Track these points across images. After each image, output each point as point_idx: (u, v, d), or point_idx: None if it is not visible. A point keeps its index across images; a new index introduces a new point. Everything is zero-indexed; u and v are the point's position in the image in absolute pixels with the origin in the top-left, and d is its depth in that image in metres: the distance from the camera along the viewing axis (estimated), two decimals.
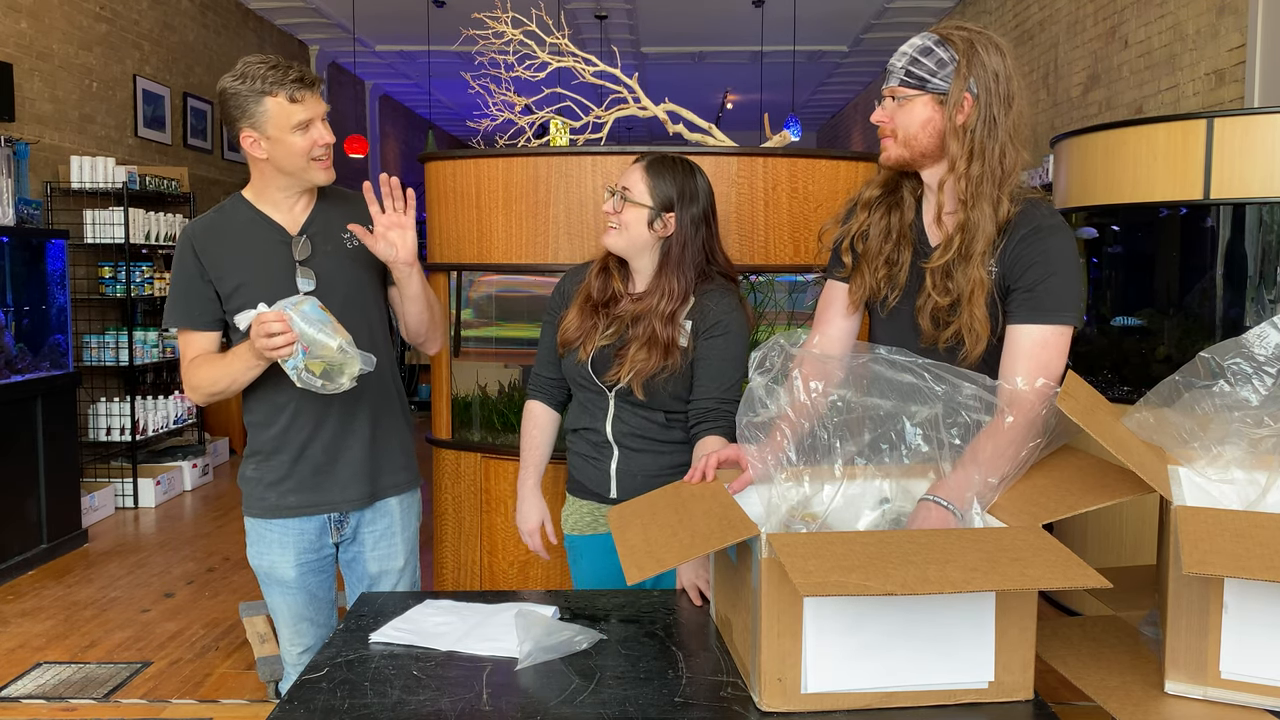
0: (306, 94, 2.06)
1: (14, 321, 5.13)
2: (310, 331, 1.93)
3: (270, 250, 2.15)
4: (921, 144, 1.76)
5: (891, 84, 1.77)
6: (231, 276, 2.13)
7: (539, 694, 1.49)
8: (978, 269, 1.71)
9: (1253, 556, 1.27)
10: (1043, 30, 7.11)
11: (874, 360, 1.65)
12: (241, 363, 2.04)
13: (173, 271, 2.18)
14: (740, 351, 2.18)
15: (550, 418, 2.34)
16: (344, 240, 2.21)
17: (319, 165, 2.11)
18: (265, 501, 2.21)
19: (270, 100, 2.03)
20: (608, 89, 3.30)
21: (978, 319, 1.71)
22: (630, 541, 1.61)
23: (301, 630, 2.28)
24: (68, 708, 3.26)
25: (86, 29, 6.43)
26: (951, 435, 1.62)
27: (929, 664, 1.42)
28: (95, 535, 5.37)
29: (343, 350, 1.95)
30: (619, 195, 2.15)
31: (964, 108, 1.71)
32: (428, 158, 3.31)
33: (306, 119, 2.06)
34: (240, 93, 2.05)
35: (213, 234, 2.16)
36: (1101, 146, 3.80)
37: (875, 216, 1.88)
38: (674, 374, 2.12)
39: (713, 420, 2.10)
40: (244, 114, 2.05)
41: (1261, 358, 1.54)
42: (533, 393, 2.35)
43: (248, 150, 2.10)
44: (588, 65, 3.27)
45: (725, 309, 2.15)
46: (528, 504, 2.31)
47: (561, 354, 2.25)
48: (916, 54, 1.74)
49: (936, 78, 1.72)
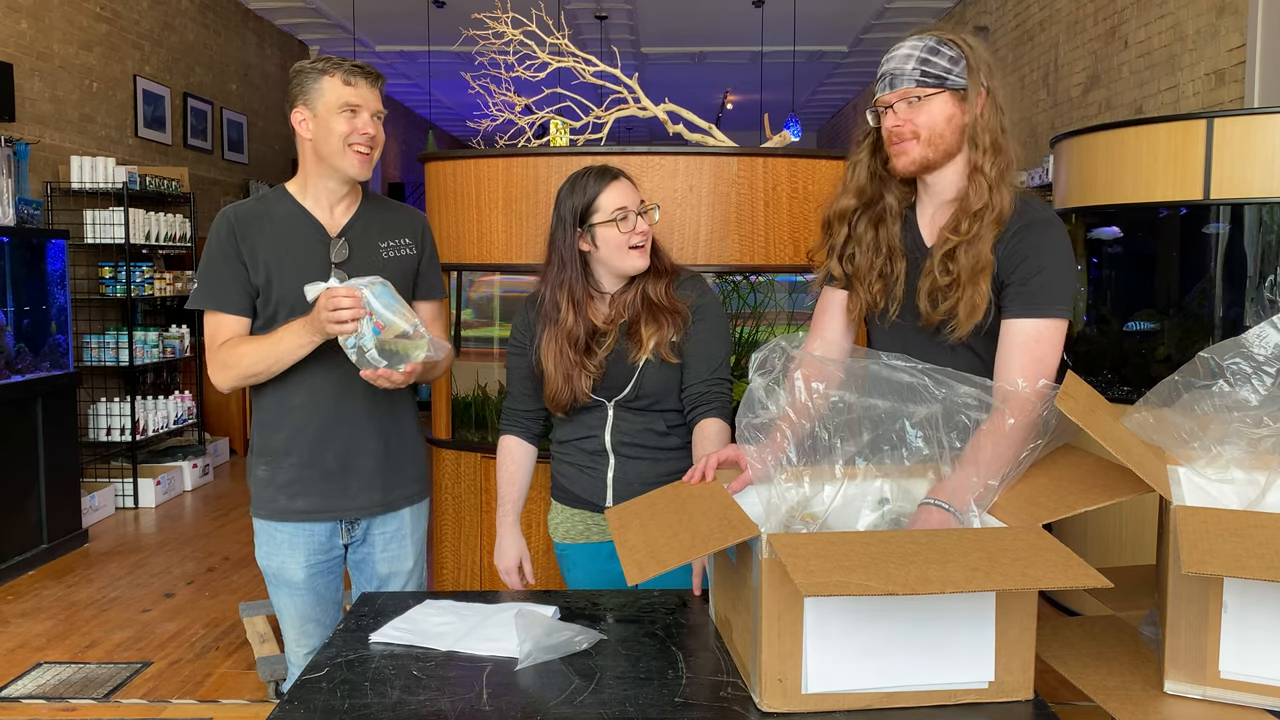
0: (362, 81, 2.10)
1: (14, 321, 5.14)
2: (384, 311, 1.92)
3: (308, 248, 2.14)
4: (947, 142, 1.76)
5: (905, 86, 1.75)
6: (264, 268, 2.11)
7: (539, 694, 1.49)
8: (986, 249, 1.72)
9: (1252, 556, 1.27)
10: (1043, 30, 7.11)
11: (873, 362, 1.65)
12: (293, 339, 2.02)
13: (206, 253, 2.15)
14: (722, 331, 2.18)
15: (526, 453, 2.29)
16: (381, 249, 2.21)
17: (353, 152, 2.10)
18: (276, 504, 2.20)
19: (326, 79, 2.08)
20: (608, 89, 3.30)
21: (980, 293, 1.72)
22: (630, 542, 1.61)
23: (308, 631, 2.27)
24: (68, 708, 3.26)
25: (86, 29, 6.43)
26: (951, 437, 1.62)
27: (929, 664, 1.42)
28: (95, 535, 5.37)
29: (417, 330, 1.94)
30: (654, 209, 2.17)
31: (979, 101, 1.75)
32: (428, 158, 3.31)
33: (355, 103, 2.09)
34: (305, 70, 2.11)
35: (253, 221, 2.14)
36: (1101, 146, 3.80)
37: (861, 230, 1.88)
38: (680, 338, 2.12)
39: (707, 403, 2.10)
40: (301, 91, 2.10)
41: (1261, 358, 1.54)
42: (507, 427, 2.29)
43: (297, 130, 2.12)
44: (588, 65, 3.27)
45: (700, 293, 2.17)
46: (505, 542, 2.25)
47: (561, 410, 2.18)
48: (926, 54, 1.75)
49: (953, 74, 1.74)
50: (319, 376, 2.15)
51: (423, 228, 2.32)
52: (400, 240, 2.24)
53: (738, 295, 3.20)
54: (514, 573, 2.25)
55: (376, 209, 2.26)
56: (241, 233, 2.13)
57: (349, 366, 2.16)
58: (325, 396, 2.17)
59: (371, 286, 1.94)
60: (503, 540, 2.26)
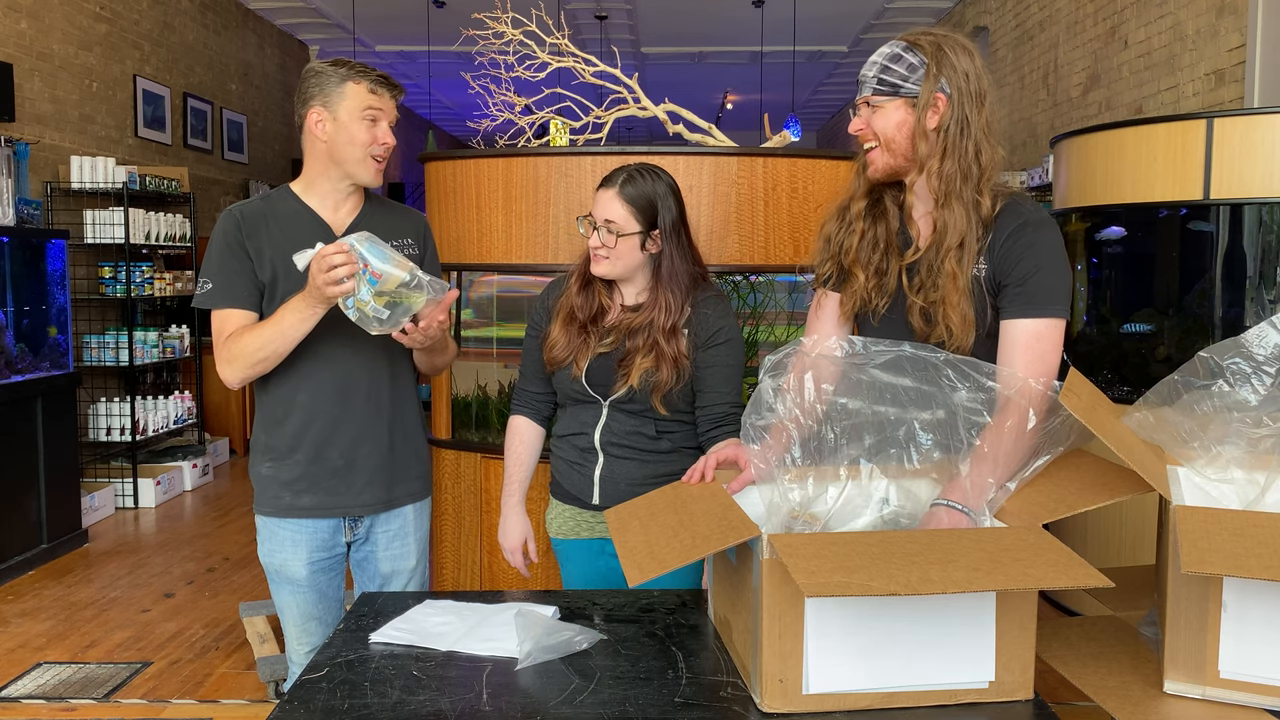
0: (386, 93, 2.13)
1: (14, 321, 5.14)
2: (378, 263, 1.87)
3: (313, 247, 2.15)
4: (901, 147, 1.78)
5: (865, 93, 1.80)
6: (270, 265, 2.12)
7: (539, 694, 1.49)
8: (951, 266, 1.72)
9: (1251, 556, 1.27)
10: (1043, 30, 7.11)
11: (892, 354, 1.63)
12: (294, 314, 2.00)
13: (212, 251, 2.14)
14: (741, 355, 2.19)
15: (535, 433, 2.32)
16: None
17: (373, 163, 2.14)
18: (280, 501, 2.21)
19: (352, 85, 2.09)
20: (608, 89, 3.30)
21: (954, 319, 1.73)
22: (630, 543, 1.61)
23: (310, 629, 2.28)
24: (68, 708, 3.27)
25: (86, 29, 6.43)
26: (959, 439, 1.62)
27: (930, 664, 1.42)
28: (95, 535, 5.37)
29: (414, 277, 1.89)
30: (604, 229, 2.11)
31: (937, 108, 1.75)
32: (428, 158, 3.31)
33: (378, 111, 2.11)
34: (326, 72, 2.11)
35: (259, 219, 2.15)
36: (1101, 147, 3.80)
37: (863, 226, 1.89)
38: (683, 385, 2.13)
39: (730, 425, 2.11)
40: (320, 91, 2.10)
41: (1260, 357, 1.54)
42: (517, 408, 2.32)
43: (310, 130, 2.12)
44: (588, 65, 3.27)
45: (722, 315, 2.17)
46: (510, 521, 2.29)
47: (551, 371, 2.23)
48: (887, 62, 1.78)
49: (908, 82, 1.76)
50: (324, 373, 2.16)
51: (424, 228, 2.35)
52: (404, 240, 2.26)
53: (738, 295, 3.20)
54: (518, 552, 2.28)
55: (380, 209, 2.28)
56: (248, 230, 2.13)
57: (354, 362, 2.17)
58: (331, 393, 2.17)
59: (362, 242, 1.89)
60: (507, 520, 2.29)
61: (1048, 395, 1.61)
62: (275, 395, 2.19)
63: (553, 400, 2.31)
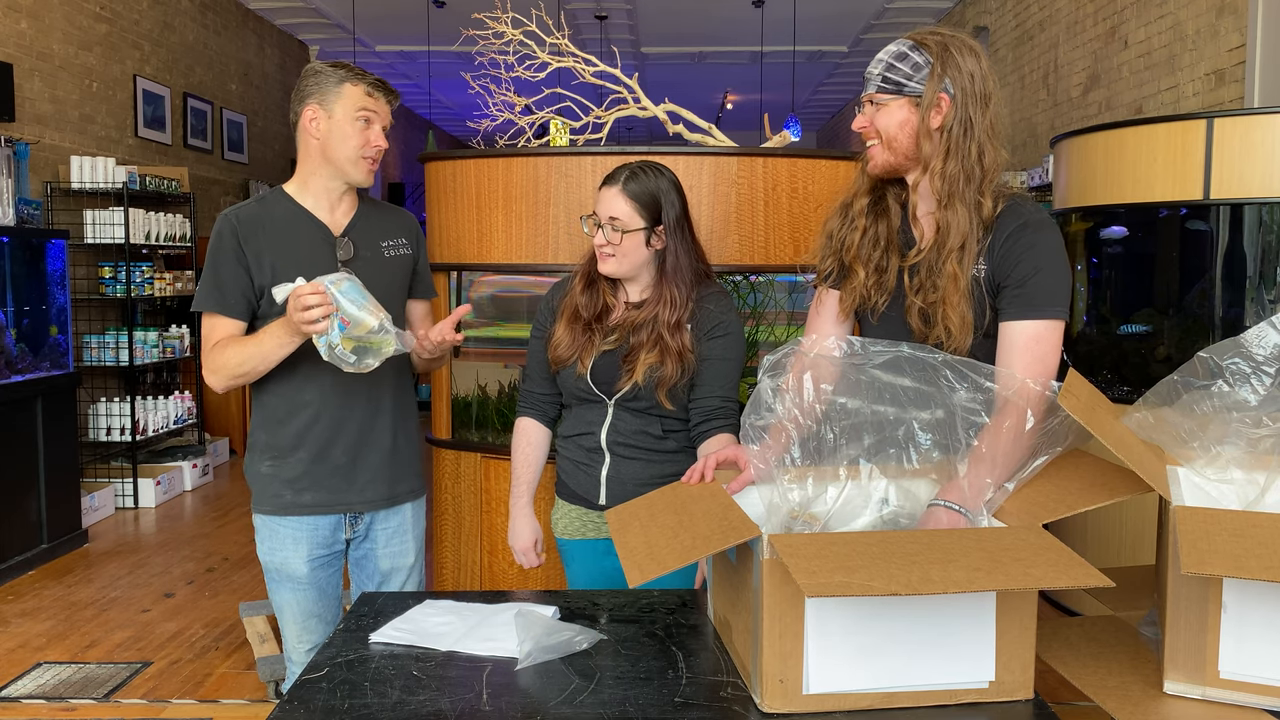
0: (382, 97, 2.18)
1: (14, 321, 5.14)
2: (351, 308, 1.90)
3: (313, 248, 2.18)
4: (902, 145, 1.79)
5: (869, 90, 1.81)
6: (269, 269, 2.14)
7: (539, 694, 1.49)
8: (953, 267, 1.72)
9: (1251, 556, 1.27)
10: (1043, 30, 7.11)
11: (891, 354, 1.64)
12: (273, 340, 2.04)
13: (210, 255, 2.17)
14: (741, 351, 2.19)
15: (542, 434, 2.32)
16: (383, 248, 2.26)
17: (365, 164, 2.18)
18: (281, 499, 2.22)
19: (349, 86, 2.13)
20: (608, 89, 3.30)
21: (953, 320, 1.73)
22: (630, 544, 1.61)
23: (310, 627, 2.29)
24: (68, 708, 3.27)
25: (86, 29, 6.43)
26: (958, 439, 1.62)
27: (930, 664, 1.42)
28: (95, 535, 5.37)
29: (382, 328, 1.93)
30: (609, 227, 2.12)
31: (941, 108, 1.75)
32: (428, 158, 3.31)
33: (372, 114, 2.15)
34: (325, 73, 2.15)
35: (256, 223, 2.17)
36: (1101, 147, 3.80)
37: (865, 223, 1.90)
38: (688, 380, 2.13)
39: (721, 418, 2.11)
40: (318, 90, 2.14)
41: (1260, 358, 1.54)
42: (523, 409, 2.33)
43: (305, 127, 2.15)
44: (588, 65, 3.27)
45: (724, 310, 2.18)
46: (520, 523, 2.30)
47: (555, 371, 2.23)
48: (892, 60, 1.78)
49: (912, 81, 1.76)
50: (327, 373, 2.16)
51: (416, 229, 2.39)
52: (398, 240, 2.31)
53: (738, 295, 3.20)
54: (530, 552, 2.30)
55: (374, 210, 2.31)
56: (245, 235, 2.15)
57: None
58: (334, 392, 2.19)
59: (339, 284, 1.92)
60: (516, 521, 2.30)
61: (1046, 396, 1.61)
62: (277, 395, 2.20)
63: (558, 401, 2.31)
